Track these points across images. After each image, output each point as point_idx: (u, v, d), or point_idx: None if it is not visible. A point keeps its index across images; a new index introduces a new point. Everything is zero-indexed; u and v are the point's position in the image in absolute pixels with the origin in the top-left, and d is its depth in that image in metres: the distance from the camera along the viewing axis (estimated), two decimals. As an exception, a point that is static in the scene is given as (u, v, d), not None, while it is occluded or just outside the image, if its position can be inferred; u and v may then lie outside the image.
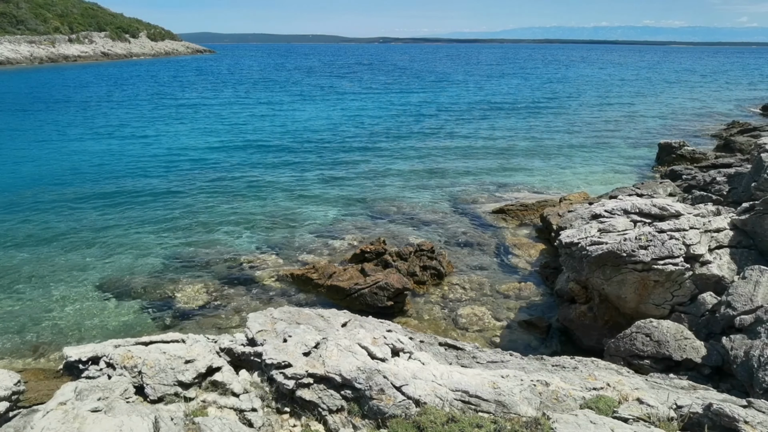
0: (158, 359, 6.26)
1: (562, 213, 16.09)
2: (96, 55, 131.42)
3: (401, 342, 7.00)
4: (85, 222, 18.39)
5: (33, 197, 20.95)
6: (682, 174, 20.85)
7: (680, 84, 76.31)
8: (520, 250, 16.20)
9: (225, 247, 16.52)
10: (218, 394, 6.14)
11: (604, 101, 54.35)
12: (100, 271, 14.76)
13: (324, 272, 14.04)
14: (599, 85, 73.43)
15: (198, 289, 13.74)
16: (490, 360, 7.84)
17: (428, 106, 50.51)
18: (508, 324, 12.30)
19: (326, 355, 6.35)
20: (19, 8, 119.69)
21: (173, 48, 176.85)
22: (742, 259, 9.99)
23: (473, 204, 20.72)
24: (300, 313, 7.68)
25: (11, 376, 6.28)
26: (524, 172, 25.90)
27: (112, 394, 5.64)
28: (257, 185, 23.34)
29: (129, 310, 12.87)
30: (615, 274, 10.06)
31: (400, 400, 5.69)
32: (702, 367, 8.15)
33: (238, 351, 6.83)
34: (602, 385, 6.49)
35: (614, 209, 11.31)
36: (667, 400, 5.88)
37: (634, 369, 8.22)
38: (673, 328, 8.63)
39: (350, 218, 19.20)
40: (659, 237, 9.84)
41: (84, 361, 6.34)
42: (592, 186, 22.99)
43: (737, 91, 65.56)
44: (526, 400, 5.76)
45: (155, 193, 21.89)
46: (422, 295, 13.64)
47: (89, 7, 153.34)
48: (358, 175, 25.23)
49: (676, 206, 10.82)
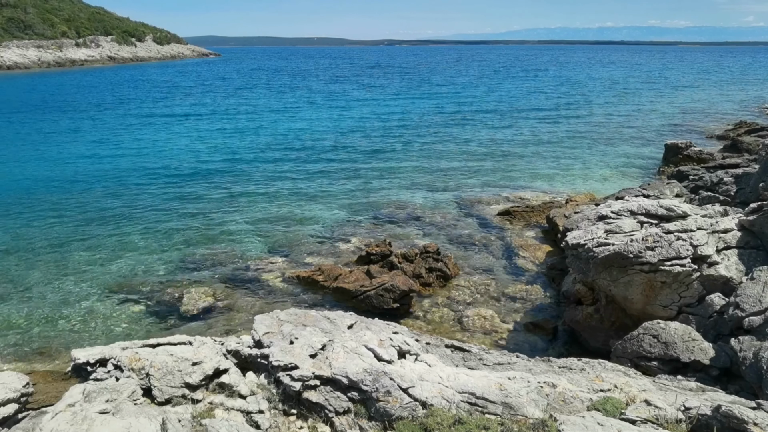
0: (165, 361, 6.28)
1: (568, 214, 16.04)
2: (103, 59, 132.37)
3: (407, 344, 7.00)
4: (92, 225, 18.49)
5: (39, 200, 21.10)
6: (688, 175, 20.74)
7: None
8: (526, 252, 16.16)
9: (231, 249, 16.57)
10: (225, 395, 6.16)
11: (610, 102, 54.16)
12: (108, 274, 14.83)
13: (330, 274, 14.06)
14: (606, 86, 73.17)
15: (204, 292, 13.78)
16: (496, 362, 7.82)
17: (433, 108, 50.52)
18: (515, 326, 12.27)
19: (333, 357, 6.35)
20: (27, 13, 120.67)
21: (179, 51, 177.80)
22: (750, 260, 9.92)
23: (479, 205, 20.69)
24: (306, 315, 7.70)
25: (20, 378, 6.33)
26: (530, 173, 25.84)
27: (119, 396, 5.67)
28: (263, 188, 23.41)
29: (136, 313, 12.93)
30: (622, 275, 10.01)
31: (407, 402, 5.69)
32: (710, 369, 8.09)
33: (245, 353, 6.84)
34: (609, 387, 6.47)
35: (621, 210, 11.26)
36: (675, 402, 5.85)
37: (642, 371, 8.17)
38: (680, 330, 8.57)
39: (356, 220, 19.22)
40: (666, 238, 9.79)
41: (92, 364, 6.37)
42: (599, 187, 22.91)
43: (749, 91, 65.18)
44: (533, 402, 5.74)
45: (162, 197, 22.00)
46: (428, 297, 13.63)
47: (96, 12, 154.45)
48: (364, 177, 25.25)
49: (683, 207, 10.76)
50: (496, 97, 59.14)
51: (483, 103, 54.18)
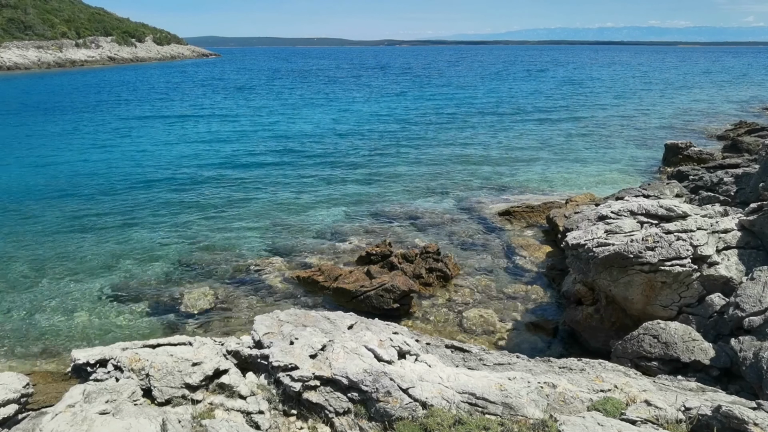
0: (165, 362, 6.28)
1: (568, 214, 16.03)
2: (102, 59, 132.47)
3: (407, 344, 7.00)
4: (92, 226, 18.50)
5: (38, 202, 21.11)
6: (688, 175, 20.73)
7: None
8: (526, 252, 16.16)
9: (231, 250, 16.57)
10: (225, 396, 6.16)
11: (611, 102, 54.16)
12: (108, 275, 14.84)
13: (330, 274, 14.06)
14: (607, 87, 73.17)
15: (204, 292, 13.78)
16: (496, 362, 7.82)
17: (433, 108, 50.53)
18: (515, 326, 12.27)
19: (333, 358, 6.35)
20: (27, 14, 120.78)
21: (179, 52, 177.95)
22: (750, 260, 9.91)
23: (479, 206, 20.69)
24: (306, 315, 7.69)
25: (20, 379, 6.33)
26: (530, 173, 25.84)
27: (119, 397, 5.67)
28: (263, 188, 23.42)
29: (136, 313, 12.93)
30: (622, 275, 10.01)
31: (407, 403, 5.69)
32: (710, 369, 8.09)
33: (245, 353, 6.84)
34: (609, 387, 6.46)
35: (621, 210, 11.26)
36: (676, 402, 5.84)
37: (642, 371, 8.17)
38: (680, 330, 8.57)
39: (356, 220, 19.22)
40: (666, 238, 9.79)
41: (92, 364, 6.37)
42: (599, 187, 22.90)
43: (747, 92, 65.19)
44: (533, 402, 5.74)
45: (162, 198, 22.01)
46: (428, 298, 13.63)
47: (96, 12, 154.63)
48: (364, 177, 25.26)
49: (683, 207, 10.76)
50: (496, 98, 59.13)
51: (483, 104, 54.18)
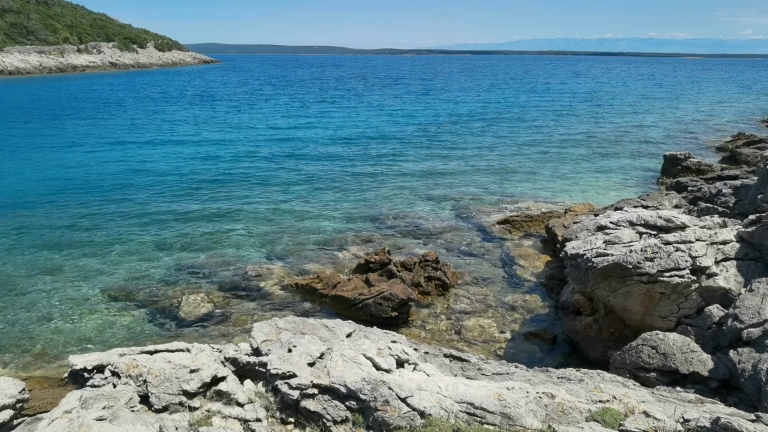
0: (163, 368, 6.26)
1: (567, 224, 16.06)
2: (104, 65, 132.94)
3: (406, 353, 6.99)
4: (90, 232, 18.48)
5: (36, 206, 21.09)
6: (687, 186, 20.79)
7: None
8: (525, 262, 16.16)
9: (230, 256, 16.55)
10: (223, 403, 6.14)
11: (610, 113, 54.38)
12: (106, 280, 14.81)
13: (328, 282, 14.04)
14: (606, 98, 73.49)
15: (203, 299, 13.75)
16: (495, 372, 7.80)
17: (433, 118, 50.70)
18: (514, 336, 12.24)
19: (331, 366, 6.34)
20: (30, 19, 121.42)
21: (180, 58, 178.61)
22: (749, 271, 9.93)
23: (478, 215, 20.71)
24: (305, 323, 7.68)
25: (16, 384, 6.30)
26: (529, 183, 25.89)
27: (116, 403, 5.65)
28: (262, 195, 23.43)
29: (134, 319, 12.89)
30: (620, 285, 10.02)
31: (405, 412, 5.67)
32: (709, 381, 8.07)
33: (243, 361, 6.82)
34: (608, 398, 6.45)
35: (620, 221, 11.28)
36: (674, 414, 5.83)
37: (640, 382, 8.16)
38: (679, 341, 8.56)
39: (355, 228, 19.22)
40: (665, 249, 9.80)
41: (89, 370, 6.35)
42: (598, 197, 22.94)
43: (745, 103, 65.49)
44: (531, 413, 5.73)
45: (161, 204, 22.00)
46: (427, 306, 13.60)
47: (98, 18, 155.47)
48: (363, 185, 25.28)
49: (681, 218, 10.79)
50: (495, 108, 59.34)
51: (483, 113, 54.37)
